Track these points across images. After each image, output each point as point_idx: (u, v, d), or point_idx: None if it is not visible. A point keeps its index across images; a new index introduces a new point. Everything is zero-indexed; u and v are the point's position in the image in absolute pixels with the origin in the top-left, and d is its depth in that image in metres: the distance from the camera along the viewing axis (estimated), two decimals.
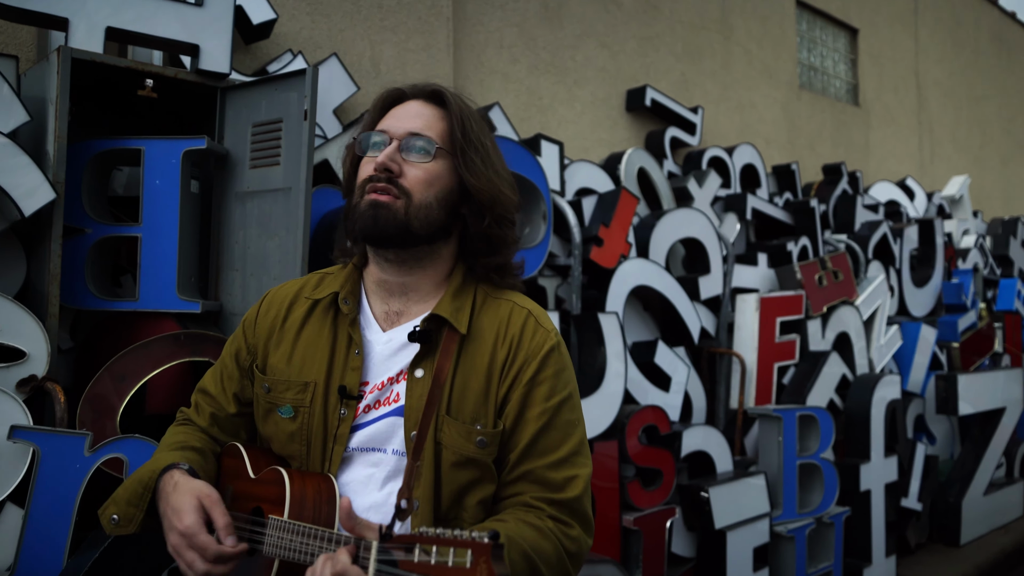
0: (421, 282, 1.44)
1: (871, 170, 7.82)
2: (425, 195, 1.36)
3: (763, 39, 6.66)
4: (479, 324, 1.42)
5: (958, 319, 6.45)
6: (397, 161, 1.36)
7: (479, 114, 1.47)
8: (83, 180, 2.64)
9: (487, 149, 1.43)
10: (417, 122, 1.39)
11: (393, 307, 1.45)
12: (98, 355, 2.74)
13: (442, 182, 1.39)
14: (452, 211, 1.41)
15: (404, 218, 1.34)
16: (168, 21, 2.68)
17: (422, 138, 1.37)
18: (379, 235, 1.35)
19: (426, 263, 1.43)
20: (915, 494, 5.29)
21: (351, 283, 1.48)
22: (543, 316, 1.46)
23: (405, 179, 1.36)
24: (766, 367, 4.64)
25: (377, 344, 1.43)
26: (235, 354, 1.56)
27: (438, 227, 1.39)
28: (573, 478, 1.38)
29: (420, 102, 1.43)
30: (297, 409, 1.43)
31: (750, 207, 5.21)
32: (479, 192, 1.39)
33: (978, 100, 10.01)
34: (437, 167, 1.38)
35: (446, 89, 1.44)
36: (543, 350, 1.40)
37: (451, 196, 1.40)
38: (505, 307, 1.45)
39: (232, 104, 2.77)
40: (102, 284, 2.71)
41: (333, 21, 3.79)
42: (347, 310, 1.44)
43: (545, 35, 4.88)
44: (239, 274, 2.72)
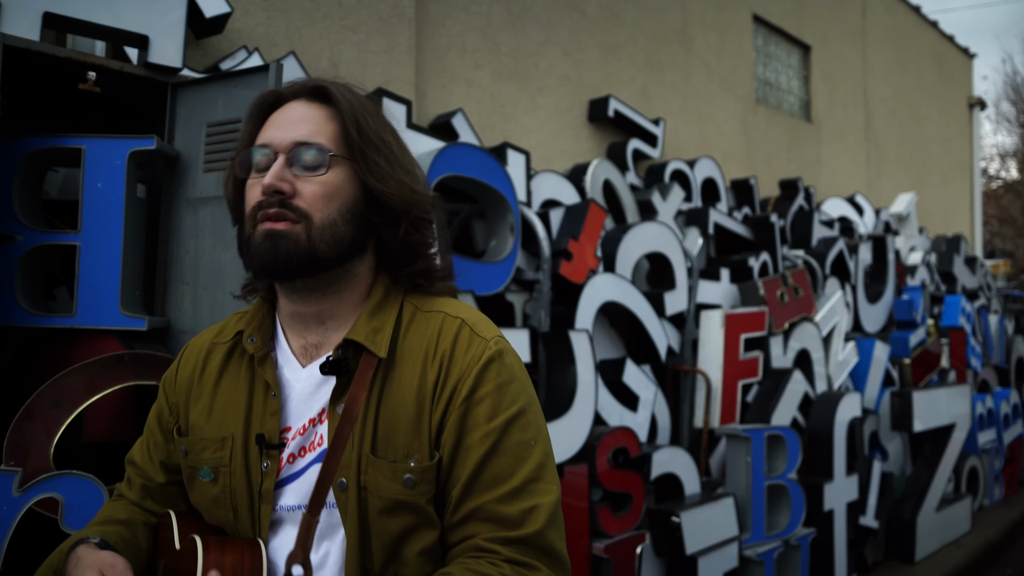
0: (338, 308, 1.25)
1: (822, 185, 7.87)
2: (327, 213, 1.17)
3: (722, 52, 6.63)
4: (406, 344, 1.23)
5: (909, 335, 6.50)
6: (287, 179, 1.16)
7: (374, 106, 1.27)
8: (14, 181, 2.37)
9: (390, 146, 1.23)
10: (303, 128, 1.19)
11: (311, 339, 1.27)
12: (28, 377, 2.47)
13: (344, 193, 1.19)
14: (362, 223, 1.22)
15: (307, 244, 1.16)
16: (114, 9, 2.43)
17: (312, 147, 1.17)
18: (282, 268, 1.16)
19: (340, 286, 1.24)
20: (872, 511, 5.27)
21: (259, 318, 1.29)
22: (481, 323, 1.25)
23: (301, 198, 1.16)
24: (731, 385, 4.55)
25: (296, 383, 1.25)
26: (157, 417, 1.39)
27: (348, 244, 1.20)
28: (532, 509, 1.16)
29: (303, 103, 1.23)
30: (217, 470, 1.25)
31: (712, 221, 5.13)
32: (389, 197, 1.21)
33: (920, 119, 10.21)
34: (335, 178, 1.18)
35: (330, 82, 1.24)
36: (480, 361, 1.19)
37: (357, 207, 1.21)
38: (435, 319, 1.25)
39: (184, 102, 2.53)
40: (34, 298, 2.44)
41: (291, 19, 3.56)
42: (253, 349, 1.26)
43: (508, 40, 4.72)
44: (190, 288, 2.47)
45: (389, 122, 1.28)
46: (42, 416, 2.10)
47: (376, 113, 1.25)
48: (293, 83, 1.26)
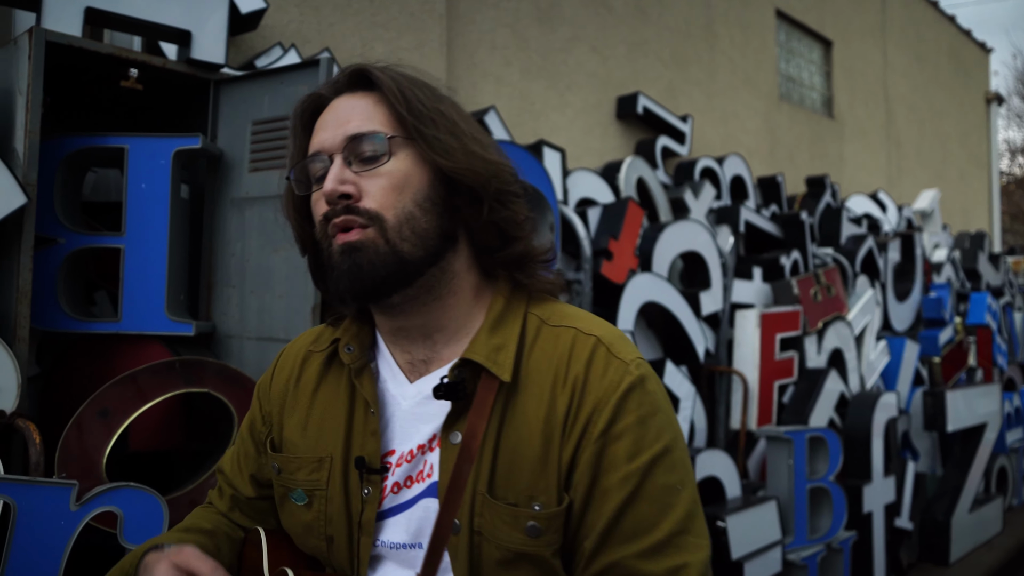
0: (444, 318, 1.10)
1: (844, 182, 7.78)
2: (400, 206, 1.02)
3: (746, 48, 6.55)
4: (532, 365, 1.06)
5: (938, 333, 6.41)
6: (349, 179, 1.02)
7: (422, 79, 1.11)
8: (55, 182, 2.29)
9: (448, 117, 1.07)
10: (352, 121, 1.04)
11: (417, 354, 1.12)
12: (69, 384, 2.40)
13: (415, 180, 1.04)
14: (444, 210, 1.06)
15: (388, 249, 1.01)
16: (156, 4, 2.35)
17: (365, 137, 1.03)
18: (372, 286, 1.01)
19: (441, 291, 1.08)
20: (906, 513, 5.18)
21: (356, 327, 1.16)
22: (618, 341, 1.08)
23: (369, 198, 1.02)
24: (767, 386, 4.46)
25: (403, 399, 1.11)
26: (250, 427, 1.27)
27: (435, 238, 1.05)
28: (680, 569, 0.98)
29: (346, 97, 1.08)
30: (311, 493, 1.12)
31: (743, 219, 5.04)
32: (461, 173, 1.04)
33: (938, 115, 10.12)
34: (400, 164, 1.03)
35: (368, 65, 1.09)
36: (619, 389, 1.01)
37: (434, 192, 1.05)
38: (565, 336, 1.07)
39: (228, 99, 2.45)
40: (75, 302, 2.36)
41: (323, 15, 3.49)
42: (350, 359, 1.12)
43: (537, 37, 4.64)
44: (236, 291, 2.40)
45: (444, 93, 1.12)
46: (92, 426, 2.02)
47: (426, 86, 1.09)
48: (330, 80, 1.12)
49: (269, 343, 2.30)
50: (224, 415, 2.22)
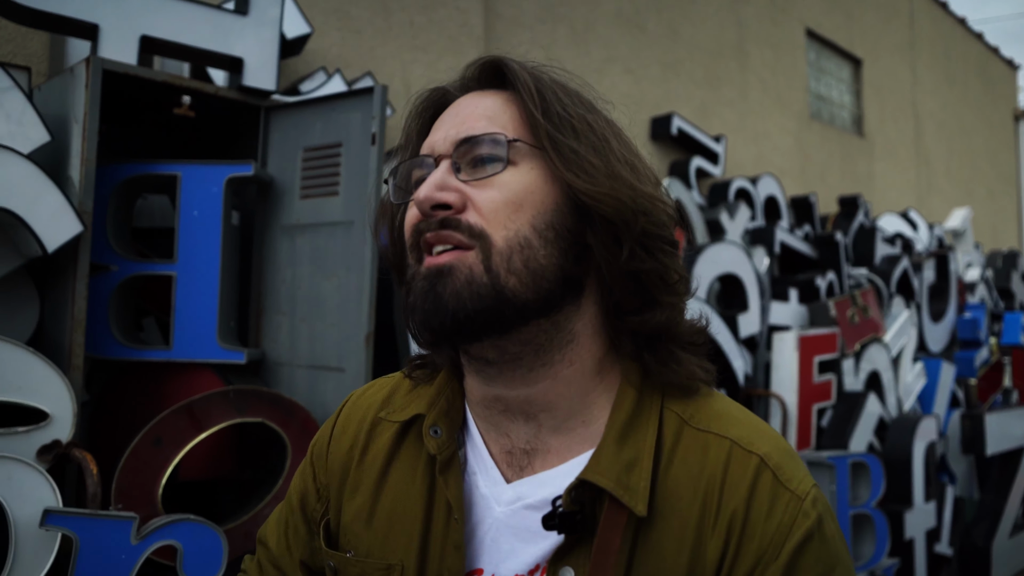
0: (554, 393, 0.85)
1: (875, 201, 7.72)
2: (514, 227, 0.78)
3: (776, 67, 6.52)
4: (671, 484, 0.81)
5: (974, 354, 6.32)
6: (451, 186, 0.80)
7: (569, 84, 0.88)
8: (108, 209, 2.30)
9: (597, 130, 0.83)
10: (472, 120, 0.83)
11: (518, 440, 0.88)
12: (120, 412, 2.39)
13: (538, 198, 0.80)
14: (570, 246, 0.81)
15: (487, 279, 0.77)
16: (209, 31, 2.36)
17: (482, 139, 0.81)
18: (451, 324, 0.78)
19: (552, 355, 0.83)
20: (946, 538, 5.09)
21: (445, 398, 0.91)
22: (788, 463, 0.82)
23: (473, 211, 0.79)
24: (806, 409, 4.40)
25: (497, 505, 0.86)
26: (301, 498, 1.01)
27: (553, 279, 0.80)
28: None
29: (474, 94, 0.87)
30: None
31: (778, 240, 5.00)
32: (602, 199, 0.79)
33: (967, 133, 10.04)
34: (522, 176, 0.80)
35: (505, 57, 0.87)
36: (793, 539, 0.78)
37: (561, 219, 0.81)
38: (718, 451, 0.82)
39: (278, 126, 2.45)
40: (126, 329, 2.36)
41: (364, 39, 3.50)
42: (436, 447, 0.87)
43: (572, 59, 4.64)
44: (286, 318, 2.38)
45: (594, 101, 0.89)
46: (147, 456, 2.01)
47: (570, 89, 0.86)
48: (461, 74, 0.91)
49: (320, 371, 2.29)
50: (275, 442, 2.21)
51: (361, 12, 3.48)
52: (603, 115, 0.87)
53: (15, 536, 1.79)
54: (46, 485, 1.84)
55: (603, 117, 0.87)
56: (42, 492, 1.83)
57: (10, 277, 2.14)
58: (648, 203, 0.82)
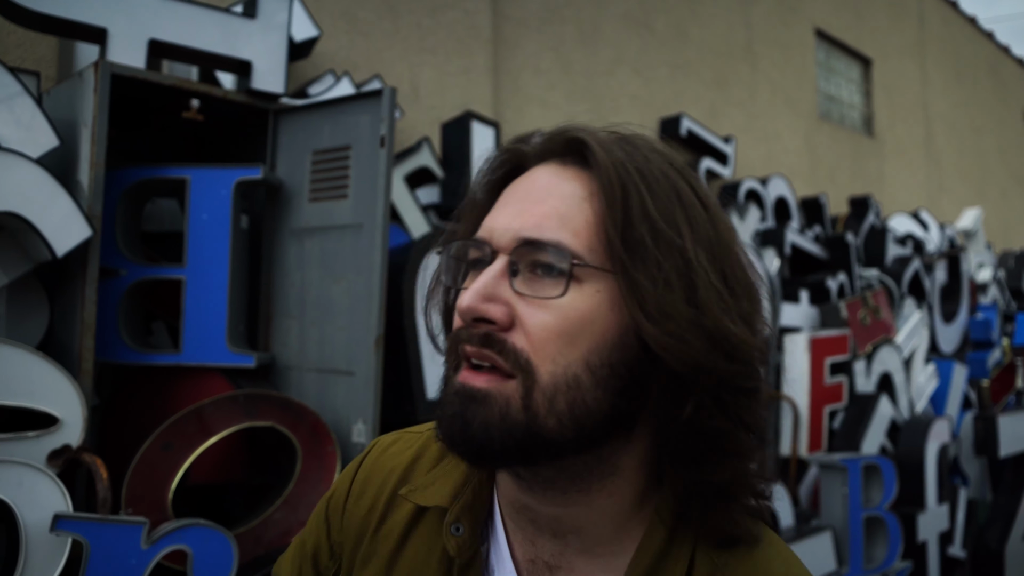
0: (587, 519, 0.78)
1: (885, 201, 7.68)
2: (564, 363, 0.69)
3: (786, 68, 6.50)
4: None
5: (986, 355, 6.27)
6: (500, 298, 0.71)
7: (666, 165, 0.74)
8: (117, 213, 2.30)
9: (681, 251, 0.70)
10: (539, 213, 0.72)
11: (542, 552, 0.81)
12: (129, 416, 2.39)
13: (598, 329, 0.70)
14: (626, 388, 0.72)
15: (524, 418, 0.70)
16: (217, 34, 2.35)
17: (547, 247, 0.70)
18: (478, 452, 0.71)
19: (591, 485, 0.76)
20: (959, 541, 5.05)
21: (471, 490, 0.83)
22: None
23: (522, 334, 0.70)
24: (817, 411, 4.37)
25: None
26: (315, 550, 0.94)
27: (599, 423, 0.71)
28: None
29: (552, 168, 0.75)
30: None
31: (788, 242, 4.97)
32: (665, 349, 0.68)
33: (978, 132, 9.99)
34: (585, 300, 0.70)
35: (590, 133, 0.75)
36: None
37: (621, 354, 0.71)
38: None
39: (287, 129, 2.44)
40: (135, 333, 2.36)
41: (372, 41, 3.49)
42: (455, 548, 0.81)
43: (580, 60, 4.63)
44: (296, 322, 2.38)
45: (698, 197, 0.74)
46: (157, 461, 2.00)
47: (668, 182, 0.72)
48: (543, 134, 0.79)
49: (330, 375, 2.28)
50: (285, 446, 2.20)
51: (369, 15, 3.48)
52: (703, 215, 0.73)
53: (25, 541, 1.79)
54: (56, 490, 1.84)
55: (706, 224, 0.72)
56: (52, 497, 1.83)
57: (20, 282, 2.14)
58: (730, 347, 0.69)
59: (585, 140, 0.73)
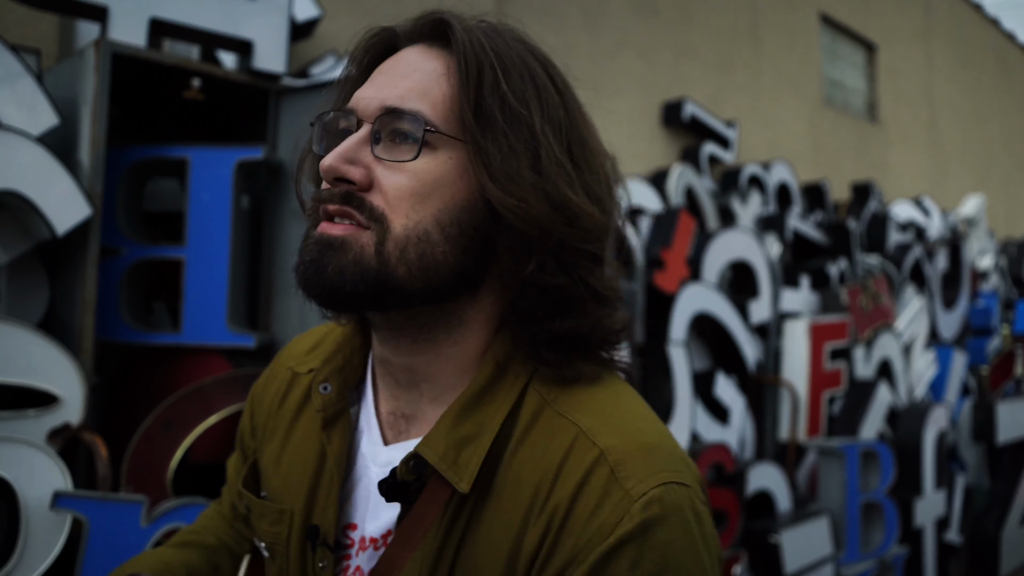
0: (435, 367, 0.84)
1: (888, 187, 7.66)
2: (415, 219, 0.76)
3: (790, 52, 6.47)
4: (515, 464, 0.78)
5: (986, 343, 6.28)
6: (363, 162, 0.77)
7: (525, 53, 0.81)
8: (118, 193, 2.29)
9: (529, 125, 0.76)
10: (402, 84, 0.78)
11: (401, 405, 0.87)
12: (130, 395, 2.40)
13: (448, 191, 0.77)
14: (472, 245, 0.79)
15: (375, 263, 0.75)
16: (218, 13, 2.34)
17: (405, 115, 0.76)
18: (329, 292, 0.76)
19: (439, 335, 0.82)
20: (956, 527, 5.08)
21: (344, 353, 0.91)
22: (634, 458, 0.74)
23: (379, 192, 0.76)
24: (816, 396, 4.38)
25: (373, 465, 0.87)
26: (242, 434, 1.06)
27: (446, 276, 0.78)
28: None
29: (419, 48, 0.82)
30: (272, 548, 0.92)
31: (790, 227, 4.97)
32: (509, 210, 0.75)
33: (982, 119, 9.95)
34: (435, 166, 0.77)
35: (456, 17, 0.81)
36: (607, 540, 0.70)
37: (467, 217, 0.78)
38: (564, 434, 0.77)
39: (288, 109, 2.43)
40: (136, 313, 2.36)
41: (375, 21, 3.46)
42: (321, 404, 0.88)
43: (583, 43, 4.61)
44: (296, 302, 2.37)
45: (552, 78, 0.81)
46: (158, 439, 2.01)
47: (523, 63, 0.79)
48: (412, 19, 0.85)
49: None
50: None
51: None
52: (559, 103, 0.80)
53: (26, 518, 1.80)
54: (56, 468, 1.85)
55: (558, 106, 0.80)
56: (52, 475, 1.84)
57: (20, 261, 2.15)
58: (571, 214, 0.76)
59: (449, 21, 0.80)
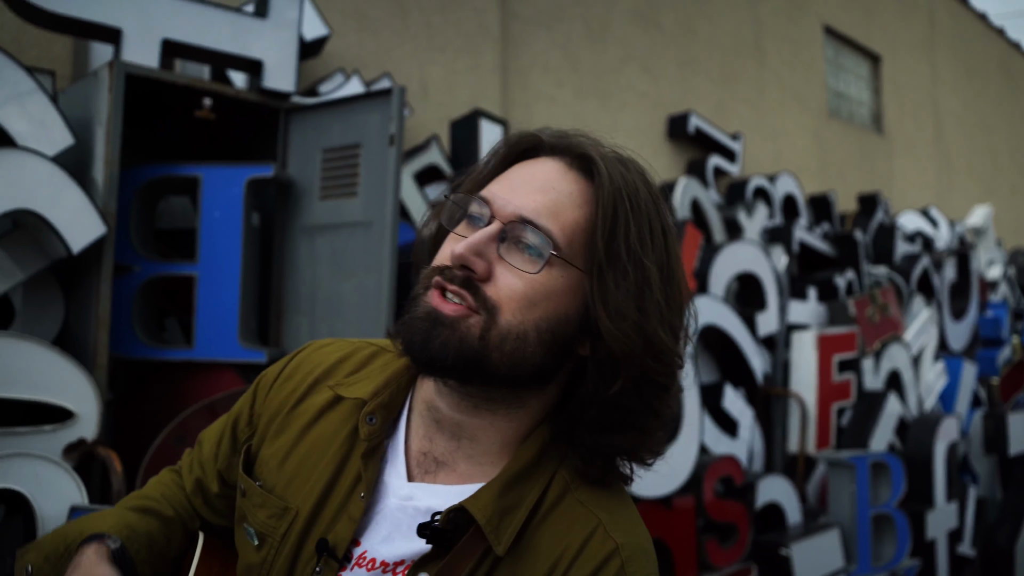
0: (484, 432, 0.94)
1: (894, 199, 7.67)
2: (520, 318, 0.86)
3: (794, 64, 6.50)
4: (536, 537, 0.90)
5: (996, 353, 6.26)
6: (487, 257, 0.86)
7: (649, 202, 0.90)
8: (131, 211, 2.33)
9: (644, 271, 0.87)
10: (539, 199, 0.87)
11: (436, 449, 0.96)
12: (143, 410, 2.42)
13: (554, 304, 0.87)
14: (560, 351, 0.89)
15: (477, 346, 0.85)
16: (228, 34, 2.38)
17: (537, 231, 0.85)
18: (427, 362, 0.86)
19: (499, 409, 0.92)
20: (968, 539, 5.04)
21: (391, 390, 0.99)
22: (639, 560, 0.89)
23: (494, 286, 0.86)
24: (825, 408, 4.38)
25: (393, 496, 0.95)
26: (236, 416, 1.10)
27: (532, 370, 0.88)
28: None
29: (560, 164, 0.90)
30: (264, 538, 0.97)
31: (796, 239, 4.98)
32: (613, 339, 0.85)
33: (988, 129, 9.95)
34: (550, 281, 0.86)
35: (602, 155, 0.89)
36: None
37: (566, 329, 0.88)
38: (584, 524, 0.89)
39: (298, 127, 2.47)
40: (149, 329, 2.39)
41: (381, 40, 3.52)
42: (367, 434, 0.95)
43: (589, 58, 4.65)
44: (306, 318, 2.41)
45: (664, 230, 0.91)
46: (171, 454, 2.03)
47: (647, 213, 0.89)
48: (559, 132, 0.93)
49: None
50: None
51: (378, 13, 3.51)
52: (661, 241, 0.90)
53: (42, 532, 1.82)
54: (72, 482, 1.87)
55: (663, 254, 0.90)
56: (68, 489, 1.86)
57: (36, 278, 2.18)
58: (658, 351, 0.87)
59: (592, 157, 0.88)
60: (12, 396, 1.93)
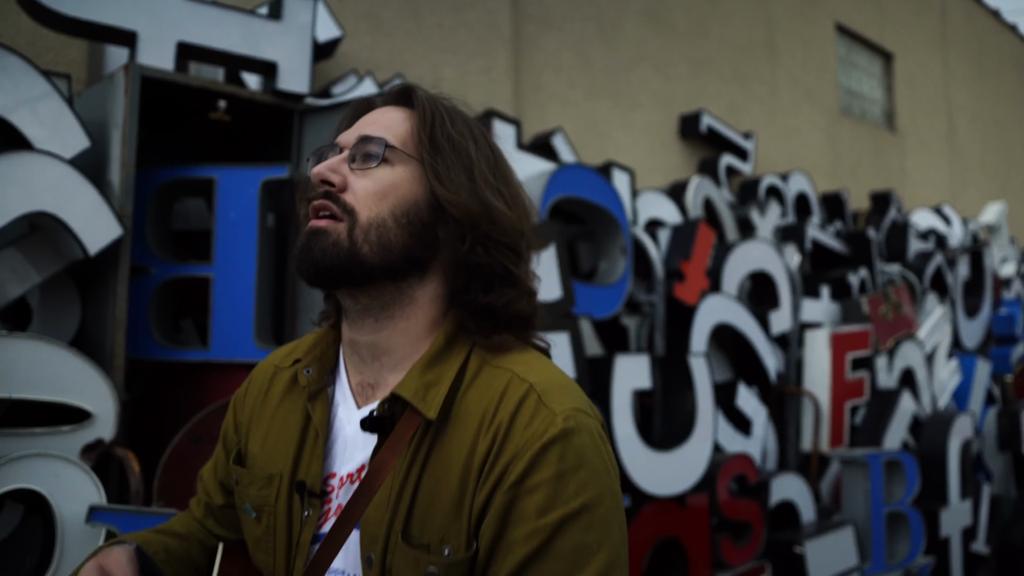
0: (392, 341, 1.07)
1: (907, 196, 7.63)
2: (375, 210, 1.02)
3: (807, 63, 6.47)
4: (464, 404, 1.03)
5: (1010, 351, 6.22)
6: (340, 172, 1.04)
7: (466, 115, 1.12)
8: (147, 213, 2.35)
9: (467, 153, 1.06)
10: (374, 126, 1.08)
11: (367, 376, 1.10)
12: (159, 411, 2.44)
13: (400, 193, 1.04)
14: (420, 232, 1.05)
15: (348, 244, 1.00)
16: (242, 36, 2.40)
17: (373, 140, 1.05)
18: (315, 270, 1.02)
19: (394, 311, 1.07)
20: (982, 537, 5.02)
21: (322, 346, 1.15)
22: (554, 390, 1.02)
23: (350, 193, 1.03)
24: (839, 407, 4.37)
25: (348, 424, 1.10)
26: (224, 433, 1.27)
27: (399, 253, 1.03)
28: None
29: (388, 107, 1.12)
30: (260, 509, 1.12)
31: (809, 237, 4.96)
32: (452, 204, 1.03)
33: (1002, 125, 9.89)
34: (392, 175, 1.04)
35: (419, 87, 1.12)
36: (541, 440, 0.96)
37: (419, 213, 1.05)
38: (501, 378, 1.03)
39: (312, 128, 2.48)
40: (165, 330, 2.41)
41: (394, 41, 3.52)
42: (306, 382, 1.12)
43: (601, 57, 4.64)
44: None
45: (485, 135, 1.12)
46: (187, 455, 2.05)
47: (464, 121, 1.09)
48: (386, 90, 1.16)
49: None
50: None
51: (391, 15, 3.52)
52: (488, 148, 1.10)
53: (61, 532, 1.84)
54: (91, 483, 1.89)
55: (483, 143, 1.09)
56: (87, 489, 1.88)
57: (53, 280, 2.20)
58: (495, 214, 1.05)
59: (411, 86, 1.11)
60: (30, 397, 1.95)
